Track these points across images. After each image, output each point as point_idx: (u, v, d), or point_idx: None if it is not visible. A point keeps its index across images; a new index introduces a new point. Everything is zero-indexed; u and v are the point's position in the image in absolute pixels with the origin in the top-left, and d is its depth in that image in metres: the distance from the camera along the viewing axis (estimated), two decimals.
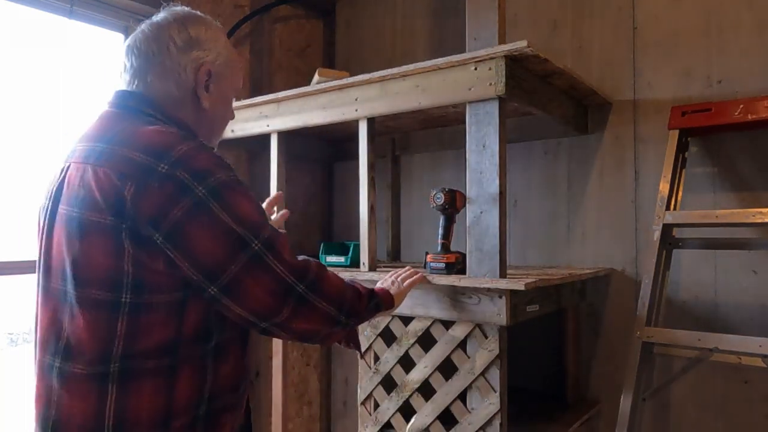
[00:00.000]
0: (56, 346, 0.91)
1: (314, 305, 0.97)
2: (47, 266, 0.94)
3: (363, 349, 1.78)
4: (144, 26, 1.04)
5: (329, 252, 2.05)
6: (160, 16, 1.05)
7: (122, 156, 0.88)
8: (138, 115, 0.98)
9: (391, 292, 1.31)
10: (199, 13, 1.08)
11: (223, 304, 0.90)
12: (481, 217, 1.54)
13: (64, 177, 0.95)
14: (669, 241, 1.85)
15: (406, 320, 1.70)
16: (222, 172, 0.90)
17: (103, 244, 0.87)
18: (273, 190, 2.13)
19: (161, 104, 1.01)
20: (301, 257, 1.01)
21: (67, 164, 0.96)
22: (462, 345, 1.58)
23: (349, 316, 1.05)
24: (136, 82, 1.02)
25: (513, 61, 1.54)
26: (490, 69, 1.52)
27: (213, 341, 0.95)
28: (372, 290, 1.21)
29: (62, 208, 0.92)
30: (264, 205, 1.29)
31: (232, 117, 1.16)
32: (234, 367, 0.99)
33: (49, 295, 0.93)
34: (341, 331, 1.08)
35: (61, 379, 0.89)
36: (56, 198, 0.94)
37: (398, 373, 1.71)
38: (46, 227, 0.96)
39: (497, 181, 1.52)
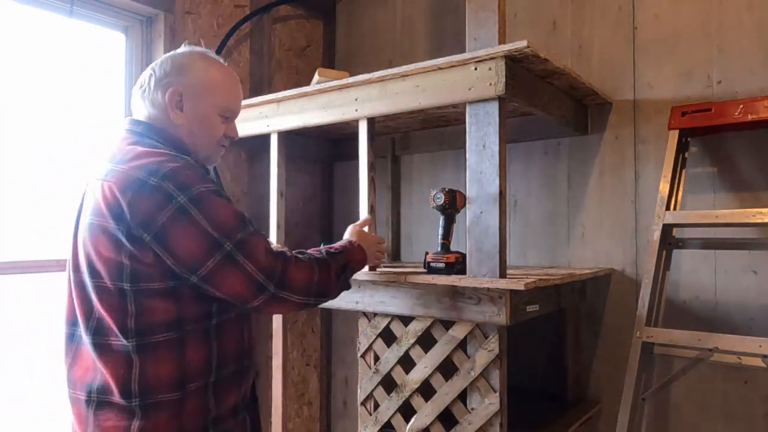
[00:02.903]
0: (87, 324, 1.11)
1: (284, 299, 1.16)
2: (76, 263, 1.15)
3: (363, 350, 1.78)
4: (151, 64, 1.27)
5: None
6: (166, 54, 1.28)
7: (123, 172, 1.09)
8: (142, 139, 1.19)
9: (355, 243, 1.42)
10: (196, 48, 1.28)
11: (205, 288, 1.09)
12: (481, 217, 1.54)
13: (86, 192, 1.16)
14: (669, 241, 1.85)
15: (406, 320, 1.70)
16: (202, 185, 1.09)
17: (107, 243, 1.07)
18: (273, 190, 2.13)
19: (157, 127, 1.22)
20: (277, 249, 1.17)
21: (90, 181, 1.17)
22: (462, 345, 1.58)
23: (318, 296, 1.23)
24: (141, 110, 1.25)
25: (513, 61, 1.54)
26: (490, 69, 1.52)
27: (213, 320, 1.14)
28: (343, 265, 1.33)
29: (83, 217, 1.14)
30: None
31: (226, 134, 1.30)
32: (237, 340, 1.19)
33: (78, 285, 1.13)
34: (316, 305, 1.27)
35: (96, 351, 1.10)
36: (80, 209, 1.17)
37: (398, 373, 1.71)
38: (74, 233, 1.17)
39: (497, 181, 1.52)
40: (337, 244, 1.38)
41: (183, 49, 1.28)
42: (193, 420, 1.11)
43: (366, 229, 1.64)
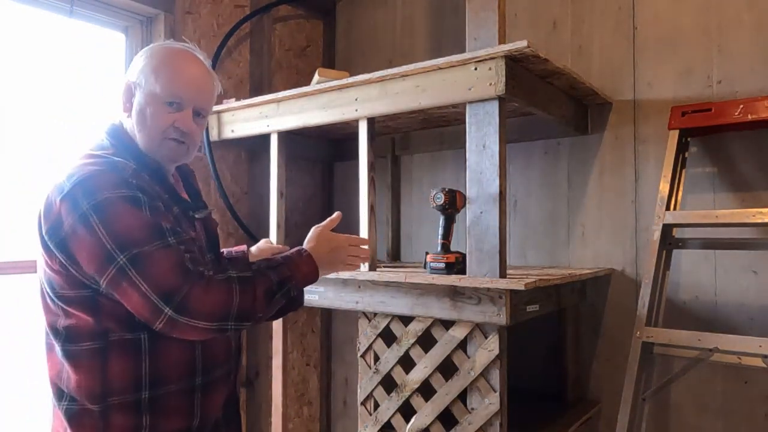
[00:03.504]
0: (44, 324, 1.11)
1: (186, 324, 0.98)
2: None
3: (363, 350, 1.78)
4: None
5: None
6: None
7: (54, 177, 1.05)
8: (98, 140, 1.15)
9: (312, 252, 1.22)
10: (158, 43, 1.23)
11: (118, 298, 1.02)
12: (481, 217, 1.54)
13: None
14: (669, 241, 1.85)
15: (406, 320, 1.70)
16: (112, 191, 1.00)
17: (38, 248, 1.07)
18: (273, 190, 2.13)
19: (117, 127, 1.17)
20: (191, 269, 1.00)
21: None
22: (462, 345, 1.58)
23: (239, 320, 1.04)
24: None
25: (513, 61, 1.54)
26: (490, 69, 1.52)
27: (145, 332, 1.04)
28: (280, 281, 1.12)
29: None
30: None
31: (165, 123, 1.14)
32: (182, 355, 1.08)
33: None
34: (238, 329, 1.08)
35: (45, 350, 1.11)
36: None
37: (398, 373, 1.71)
38: None
39: (497, 181, 1.52)
40: (283, 255, 1.20)
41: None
42: None
43: (364, 229, 1.62)
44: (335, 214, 1.39)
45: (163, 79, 1.12)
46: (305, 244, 1.27)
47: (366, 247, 1.39)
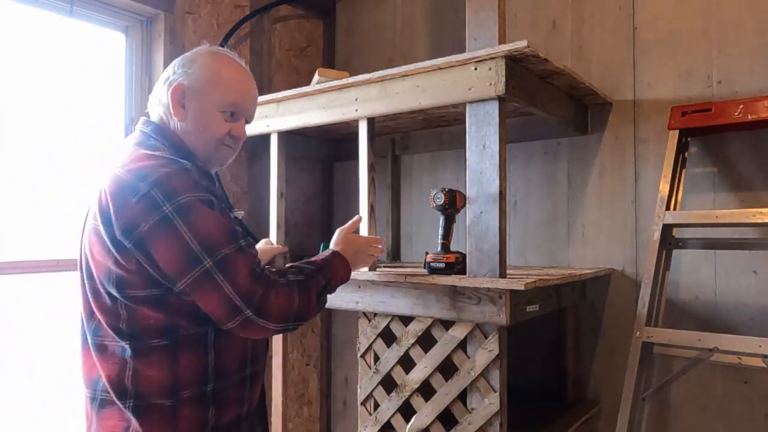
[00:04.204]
0: (90, 324, 1.12)
1: (261, 325, 1.06)
2: (79, 265, 1.15)
3: (363, 350, 1.78)
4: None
5: None
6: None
7: (117, 176, 1.06)
8: (147, 140, 1.16)
9: (343, 254, 1.33)
10: (205, 47, 1.25)
11: (192, 299, 1.05)
12: (481, 217, 1.54)
13: (96, 193, 1.13)
14: (669, 241, 1.85)
15: (406, 320, 1.70)
16: (192, 194, 1.03)
17: (99, 247, 1.07)
18: (273, 190, 2.13)
19: (162, 127, 1.19)
20: (260, 272, 1.07)
21: (99, 182, 1.14)
22: (462, 345, 1.58)
23: (297, 320, 1.12)
24: (154, 109, 1.22)
25: (513, 61, 1.54)
26: (490, 69, 1.52)
27: (210, 327, 1.09)
28: (324, 285, 1.22)
29: (87, 220, 1.13)
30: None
31: (230, 133, 1.22)
32: (240, 348, 1.15)
33: (82, 286, 1.14)
34: (294, 329, 1.18)
35: (96, 351, 1.10)
36: (88, 211, 1.15)
37: (398, 373, 1.70)
38: (81, 235, 1.16)
39: (497, 181, 1.52)
40: (321, 258, 1.29)
41: (194, 50, 1.25)
42: (189, 429, 1.08)
43: (364, 229, 1.63)
44: (356, 218, 1.55)
45: (222, 90, 1.19)
46: (333, 246, 1.39)
47: (381, 246, 1.54)
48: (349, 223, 1.49)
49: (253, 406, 1.22)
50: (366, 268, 1.77)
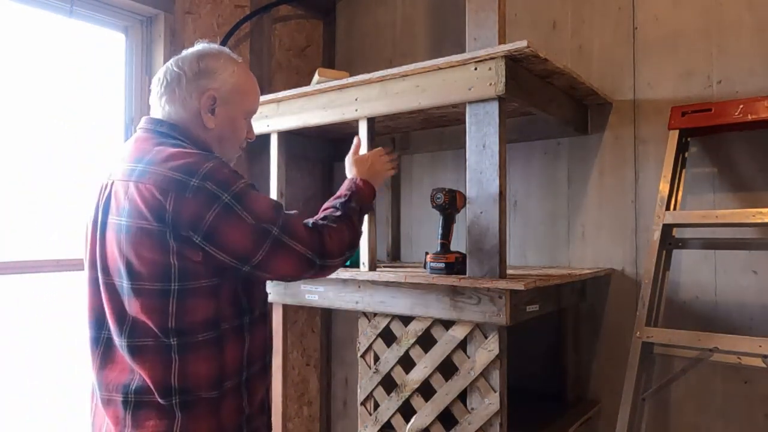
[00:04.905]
0: (121, 328, 1.10)
1: (330, 266, 1.23)
2: (104, 266, 1.13)
3: (363, 350, 1.78)
4: (172, 60, 1.25)
5: None
6: (186, 51, 1.26)
7: (160, 174, 1.08)
8: (166, 138, 1.18)
9: (361, 176, 1.46)
10: (216, 47, 1.28)
11: (257, 275, 1.15)
12: (481, 217, 1.54)
13: (110, 192, 1.13)
14: (669, 241, 1.85)
15: (406, 320, 1.70)
16: (240, 181, 1.12)
17: (151, 245, 1.07)
18: (273, 190, 2.14)
19: (182, 127, 1.21)
20: (308, 224, 1.22)
21: (111, 181, 1.14)
22: (462, 345, 1.58)
23: (351, 249, 1.29)
24: (160, 108, 1.23)
25: (513, 61, 1.54)
26: (490, 69, 1.52)
27: (246, 317, 1.17)
28: (359, 211, 1.37)
29: (111, 219, 1.12)
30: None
31: (246, 137, 1.33)
32: (263, 336, 1.23)
33: (108, 288, 1.12)
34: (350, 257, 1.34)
35: (132, 353, 1.10)
36: (105, 210, 1.13)
37: (398, 373, 1.71)
38: (98, 235, 1.14)
39: (497, 181, 1.52)
40: (345, 189, 1.40)
41: (207, 47, 1.27)
42: (230, 418, 1.13)
43: (364, 229, 1.63)
44: (356, 140, 1.63)
45: (250, 98, 1.30)
46: (349, 174, 1.51)
47: (388, 156, 1.61)
48: (353, 147, 1.59)
49: (268, 396, 1.27)
50: (366, 268, 1.78)
